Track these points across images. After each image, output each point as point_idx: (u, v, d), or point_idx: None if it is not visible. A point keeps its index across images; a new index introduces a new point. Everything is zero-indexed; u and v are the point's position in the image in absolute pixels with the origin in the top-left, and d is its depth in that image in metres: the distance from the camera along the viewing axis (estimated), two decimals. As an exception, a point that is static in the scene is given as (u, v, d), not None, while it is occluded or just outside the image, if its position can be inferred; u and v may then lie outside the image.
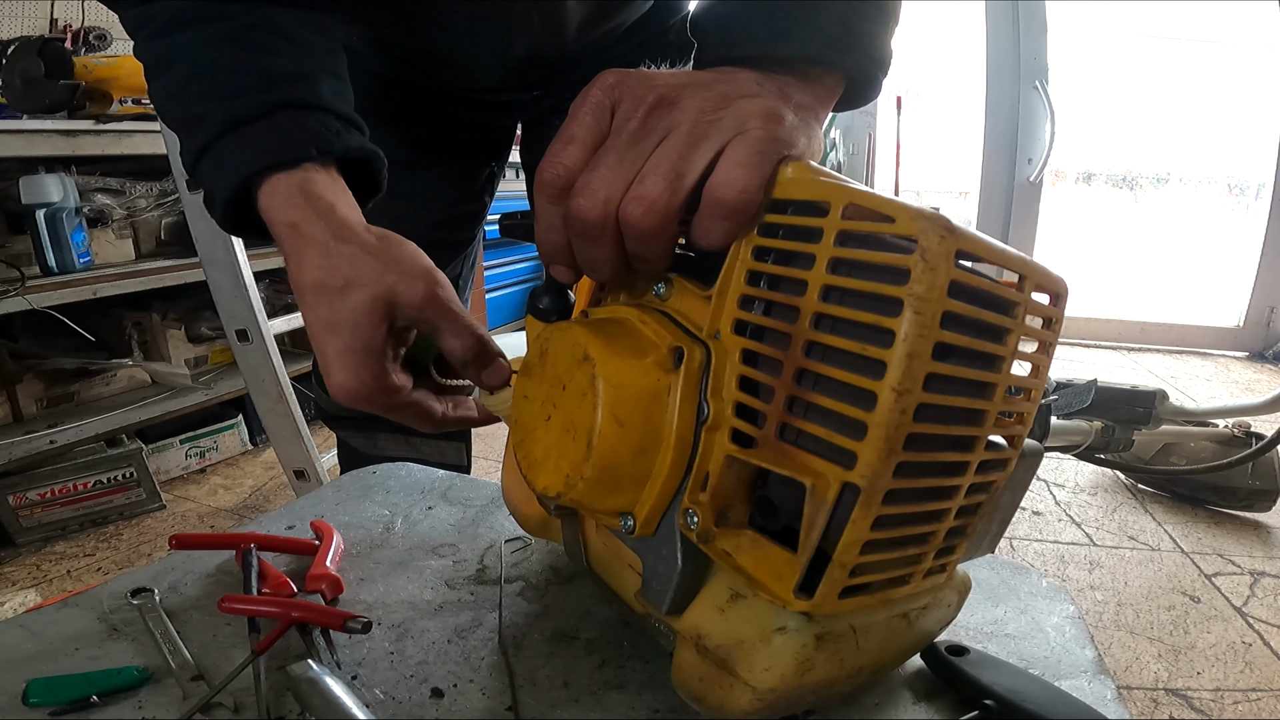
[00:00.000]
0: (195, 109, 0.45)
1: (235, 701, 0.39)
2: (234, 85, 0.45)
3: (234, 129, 0.44)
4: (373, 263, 0.42)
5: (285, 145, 0.44)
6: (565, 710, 0.40)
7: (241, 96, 0.44)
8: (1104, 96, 4.20)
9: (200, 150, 0.45)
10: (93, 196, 1.61)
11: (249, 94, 0.44)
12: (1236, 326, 3.15)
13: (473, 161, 0.88)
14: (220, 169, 0.44)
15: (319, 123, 0.45)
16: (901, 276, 0.27)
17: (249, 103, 0.44)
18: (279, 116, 0.44)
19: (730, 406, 0.32)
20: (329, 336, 0.41)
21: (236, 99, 0.44)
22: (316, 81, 0.46)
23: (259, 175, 0.44)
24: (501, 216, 0.43)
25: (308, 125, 0.45)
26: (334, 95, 0.47)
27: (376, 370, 0.42)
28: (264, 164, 0.43)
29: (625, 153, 0.33)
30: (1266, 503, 1.66)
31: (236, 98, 0.44)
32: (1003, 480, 0.34)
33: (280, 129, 0.44)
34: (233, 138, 0.44)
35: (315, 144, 0.44)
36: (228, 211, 0.45)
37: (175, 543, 0.53)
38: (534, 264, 3.21)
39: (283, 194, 0.44)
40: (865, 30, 0.38)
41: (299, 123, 0.44)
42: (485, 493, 0.65)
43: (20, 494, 1.51)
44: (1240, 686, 1.15)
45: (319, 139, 0.45)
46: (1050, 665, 0.44)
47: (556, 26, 0.69)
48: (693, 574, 0.35)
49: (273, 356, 1.52)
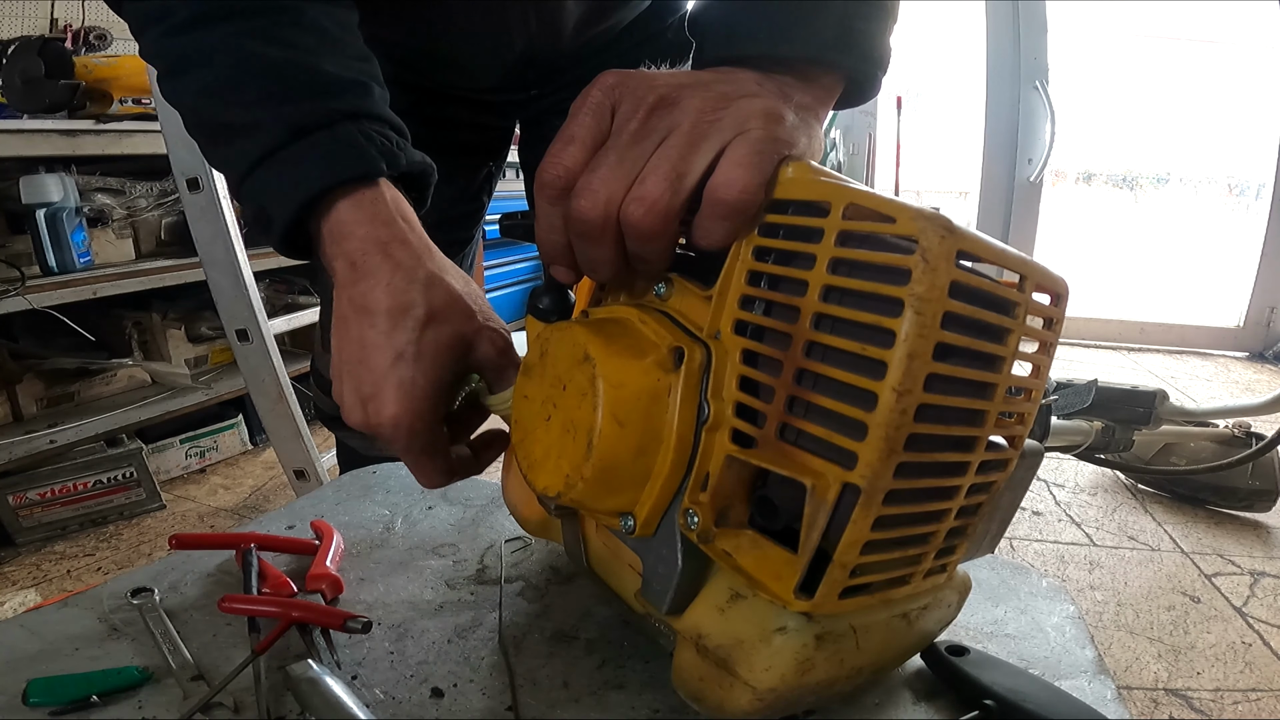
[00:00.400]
0: (244, 114, 0.42)
1: (235, 701, 0.39)
2: (286, 89, 0.42)
3: (295, 140, 0.41)
4: (464, 303, 0.41)
5: (355, 160, 0.41)
6: (565, 710, 0.40)
7: (297, 102, 0.42)
8: (1104, 96, 4.20)
9: (255, 161, 0.42)
10: (93, 196, 1.61)
11: (305, 100, 0.42)
12: (1236, 326, 3.15)
13: (471, 161, 0.88)
14: (284, 181, 0.41)
15: (382, 135, 0.43)
16: (902, 277, 0.27)
17: (307, 111, 0.42)
18: (341, 128, 0.42)
19: (730, 406, 0.32)
20: (396, 365, 0.39)
21: (293, 105, 0.42)
22: (369, 89, 0.44)
23: (330, 191, 0.41)
24: (502, 216, 0.43)
25: (373, 138, 0.42)
26: (384, 102, 0.45)
27: (435, 408, 0.41)
28: (334, 181, 0.41)
29: (626, 153, 0.33)
30: (1266, 503, 1.66)
31: (293, 103, 0.42)
32: (1003, 480, 0.34)
33: (347, 142, 0.42)
34: (295, 150, 0.41)
35: (384, 159, 0.42)
36: (289, 227, 0.42)
37: (175, 543, 0.53)
38: (534, 264, 3.20)
39: (357, 210, 0.41)
40: (864, 30, 0.38)
41: (364, 135, 0.42)
42: (485, 493, 0.65)
43: (20, 494, 1.51)
44: (1240, 686, 1.15)
45: (386, 153, 0.43)
46: (1050, 665, 0.44)
47: (554, 25, 0.69)
48: (693, 574, 0.35)
49: (273, 356, 1.52)
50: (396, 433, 0.40)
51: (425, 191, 0.48)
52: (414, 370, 0.40)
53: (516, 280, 3.15)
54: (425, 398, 0.40)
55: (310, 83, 0.42)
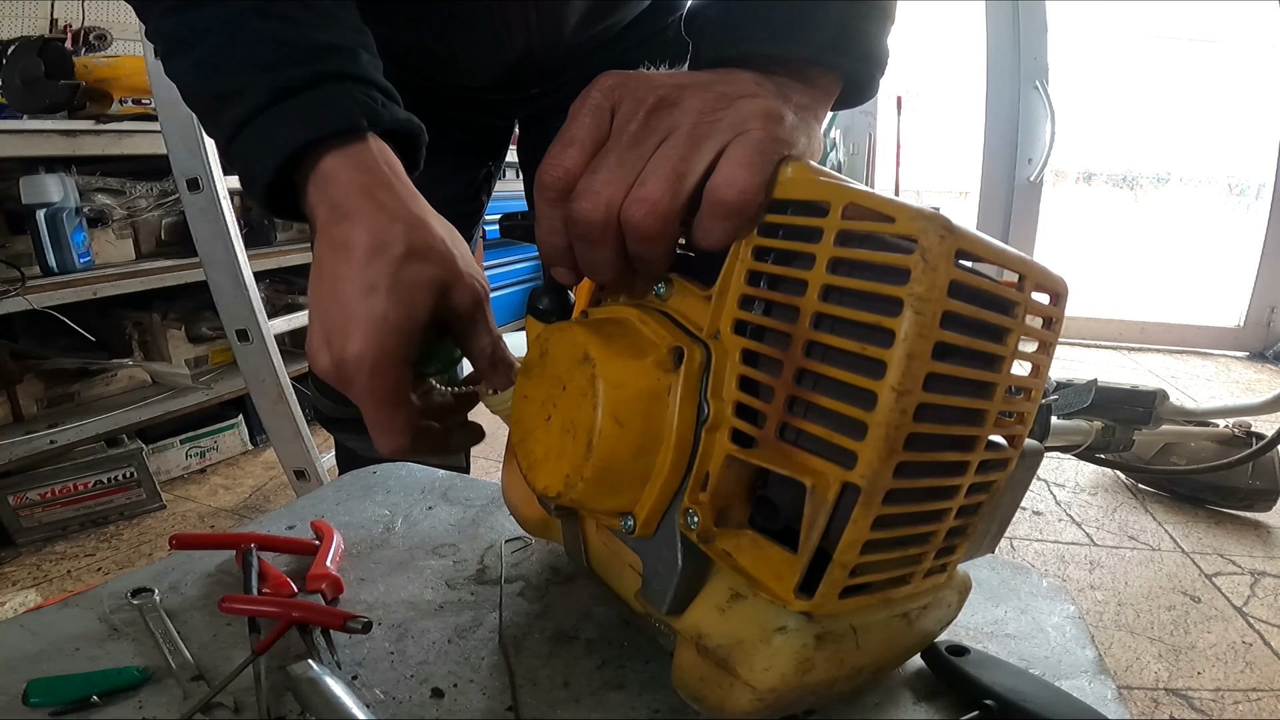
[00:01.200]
0: (232, 82, 0.43)
1: (235, 701, 0.39)
2: (274, 56, 0.43)
3: (277, 101, 0.42)
4: (445, 247, 0.41)
5: (337, 116, 0.42)
6: (565, 710, 0.40)
7: (283, 68, 0.42)
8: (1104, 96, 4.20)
9: (240, 124, 0.42)
10: (93, 196, 1.61)
11: (291, 65, 0.43)
12: (1237, 326, 3.15)
13: (470, 161, 0.88)
14: (266, 141, 0.42)
15: (365, 94, 0.44)
16: (902, 276, 0.27)
17: (291, 74, 0.42)
18: (325, 88, 0.43)
19: (730, 406, 0.32)
20: (368, 297, 0.38)
21: (278, 70, 0.42)
22: (356, 55, 0.45)
23: (310, 147, 0.42)
24: (502, 217, 0.43)
25: (356, 97, 0.43)
26: (373, 68, 0.46)
27: (403, 348, 0.40)
28: (315, 135, 0.41)
29: (626, 155, 0.33)
30: (1266, 503, 1.66)
31: (278, 69, 0.42)
32: (1003, 480, 0.34)
33: (328, 101, 0.42)
34: (277, 110, 0.42)
35: (366, 115, 0.43)
36: (270, 186, 0.43)
37: (175, 543, 0.53)
38: (534, 264, 3.20)
39: (343, 161, 0.42)
40: (862, 30, 0.38)
41: (347, 94, 0.43)
42: (485, 493, 0.65)
43: (20, 494, 1.51)
44: (1240, 686, 1.15)
45: (368, 111, 0.43)
46: (1050, 665, 0.44)
47: (556, 23, 0.69)
48: (693, 574, 0.35)
49: (273, 356, 1.52)
50: (359, 371, 0.39)
51: (416, 154, 0.48)
52: (386, 304, 0.39)
53: (516, 280, 3.15)
54: (394, 333, 0.39)
55: (298, 50, 0.43)
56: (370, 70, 0.45)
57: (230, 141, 0.44)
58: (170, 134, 1.42)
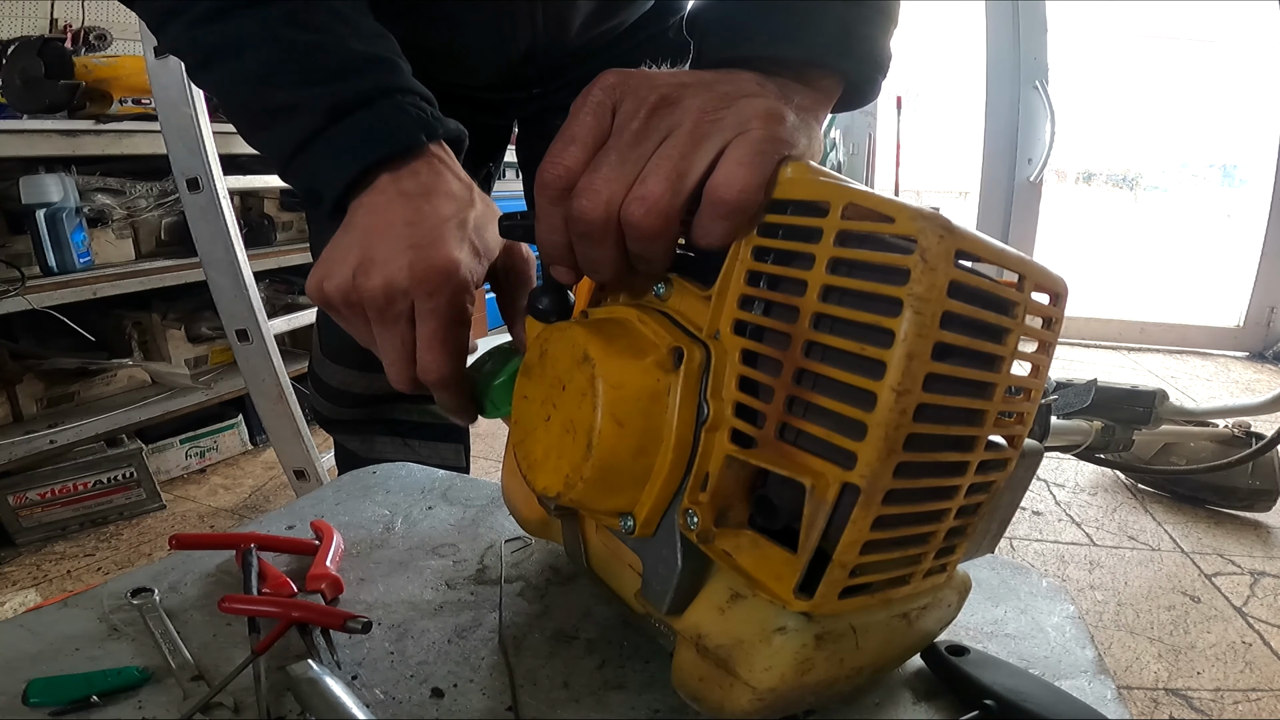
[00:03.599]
0: (283, 97, 0.45)
1: (235, 701, 0.39)
2: (321, 71, 0.45)
3: (337, 120, 0.44)
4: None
5: (397, 134, 0.44)
6: (565, 710, 0.40)
7: (335, 82, 0.44)
8: (1104, 96, 4.20)
9: (301, 142, 0.45)
10: (93, 196, 1.61)
11: (341, 79, 0.44)
12: (1236, 326, 3.15)
13: (470, 161, 0.87)
14: (331, 163, 0.45)
15: (417, 108, 0.46)
16: (901, 276, 0.27)
17: (344, 90, 0.44)
18: (380, 105, 0.45)
19: (730, 406, 0.32)
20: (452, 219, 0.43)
21: (330, 84, 0.44)
22: (396, 65, 0.47)
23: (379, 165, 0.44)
24: (502, 217, 0.43)
25: (408, 111, 0.45)
26: (410, 75, 0.48)
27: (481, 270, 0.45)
28: (380, 155, 0.44)
29: (627, 153, 0.33)
30: (1266, 503, 1.66)
31: (330, 83, 0.44)
32: (1003, 480, 0.34)
33: (385, 119, 0.45)
34: (340, 128, 0.44)
35: (424, 130, 0.45)
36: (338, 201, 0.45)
37: (175, 543, 0.53)
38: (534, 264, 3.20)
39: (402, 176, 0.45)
40: (864, 33, 0.38)
41: (401, 110, 0.45)
42: (485, 493, 0.65)
43: (20, 494, 1.51)
44: (1240, 686, 1.15)
45: (423, 124, 0.46)
46: (1050, 665, 0.44)
47: (561, 23, 0.69)
48: (693, 574, 0.35)
49: (273, 356, 1.52)
50: (445, 282, 0.42)
51: (459, 156, 0.50)
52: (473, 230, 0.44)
53: (516, 280, 3.14)
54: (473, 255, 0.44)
55: (343, 63, 0.45)
56: (411, 79, 0.48)
57: (290, 158, 0.46)
58: (170, 134, 1.42)
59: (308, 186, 0.47)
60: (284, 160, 0.46)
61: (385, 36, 0.49)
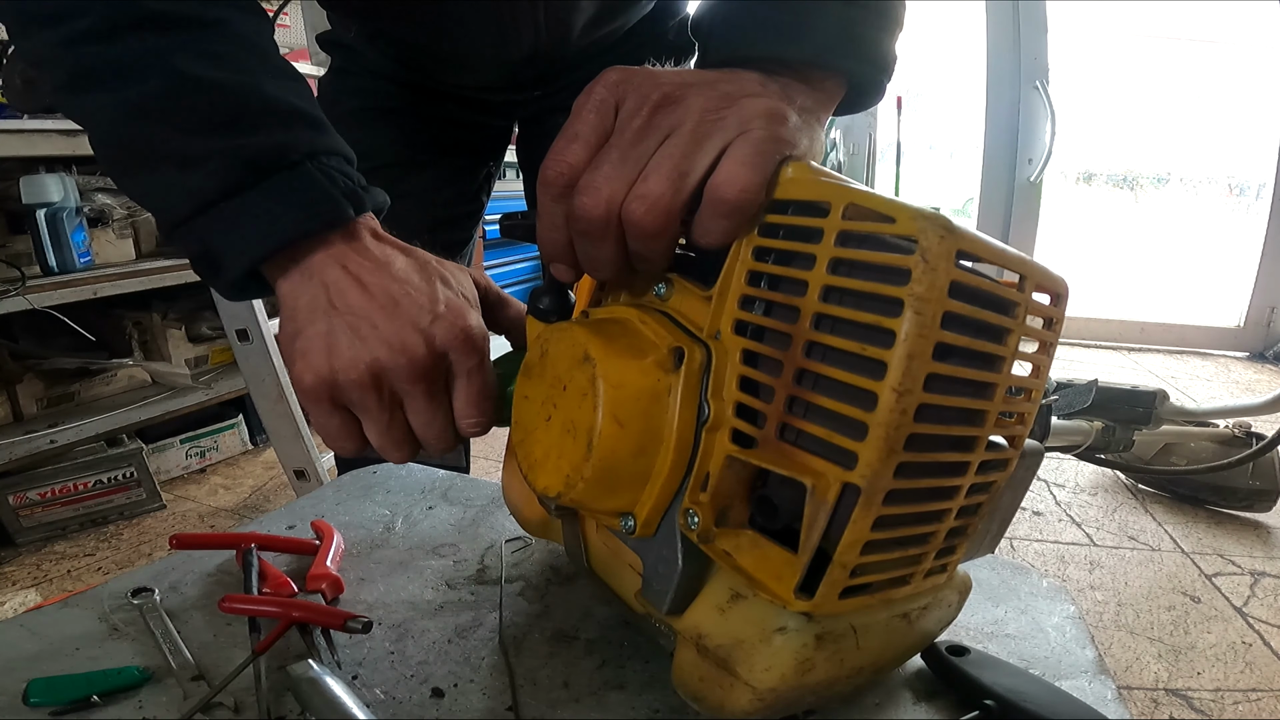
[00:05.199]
0: (176, 142, 0.38)
1: (236, 701, 0.39)
2: (233, 117, 0.38)
3: (256, 183, 0.38)
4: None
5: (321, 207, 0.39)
6: (565, 710, 0.40)
7: (249, 135, 0.38)
8: (1104, 96, 4.20)
9: (207, 202, 0.38)
10: (93, 196, 1.61)
11: (256, 133, 0.39)
12: (1236, 326, 3.15)
13: (470, 161, 0.88)
14: (251, 227, 0.38)
15: (343, 174, 0.41)
16: (902, 277, 0.27)
17: (261, 146, 0.38)
18: (305, 170, 0.39)
19: (730, 407, 0.32)
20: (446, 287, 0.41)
21: (245, 138, 0.38)
22: (318, 121, 0.42)
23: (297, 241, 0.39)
24: (502, 216, 0.43)
25: (335, 180, 0.40)
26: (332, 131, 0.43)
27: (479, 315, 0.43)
28: (306, 230, 0.39)
29: (629, 151, 0.33)
30: (1266, 503, 1.66)
31: (244, 136, 0.38)
32: (1003, 480, 0.34)
33: (312, 185, 0.39)
34: (258, 192, 0.38)
35: (350, 201, 0.40)
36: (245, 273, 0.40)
37: (175, 543, 0.53)
38: (534, 264, 3.20)
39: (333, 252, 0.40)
40: (867, 34, 0.38)
41: (327, 176, 0.40)
42: (485, 493, 0.65)
43: (20, 494, 1.51)
44: (1240, 686, 1.15)
45: (350, 195, 0.40)
46: (1050, 665, 0.44)
47: (564, 24, 0.69)
48: (693, 574, 0.35)
49: (273, 356, 1.52)
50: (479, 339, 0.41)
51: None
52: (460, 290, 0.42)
53: (516, 280, 3.15)
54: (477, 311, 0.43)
55: (259, 110, 0.39)
56: (335, 138, 0.43)
57: (188, 217, 0.39)
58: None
59: (203, 250, 0.40)
60: (175, 217, 0.39)
61: (299, 79, 0.43)
